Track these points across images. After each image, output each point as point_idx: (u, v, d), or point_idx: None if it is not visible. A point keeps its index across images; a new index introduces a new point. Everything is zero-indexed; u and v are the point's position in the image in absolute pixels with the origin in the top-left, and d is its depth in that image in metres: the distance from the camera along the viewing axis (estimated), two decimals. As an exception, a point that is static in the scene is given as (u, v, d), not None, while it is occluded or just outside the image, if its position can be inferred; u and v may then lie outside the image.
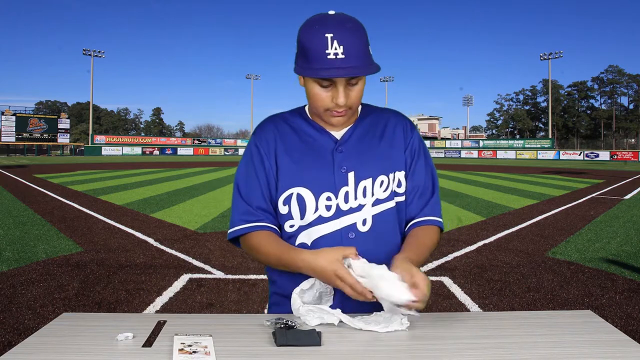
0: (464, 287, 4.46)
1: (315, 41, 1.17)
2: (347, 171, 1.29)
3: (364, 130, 1.35)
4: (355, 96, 1.24)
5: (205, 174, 21.81)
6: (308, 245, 1.29)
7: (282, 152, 1.32)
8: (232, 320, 1.23)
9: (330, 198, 1.28)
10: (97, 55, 68.89)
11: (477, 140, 72.51)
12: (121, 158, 51.33)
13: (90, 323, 1.17)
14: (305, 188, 1.29)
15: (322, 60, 1.16)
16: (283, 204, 1.31)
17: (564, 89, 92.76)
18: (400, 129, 1.37)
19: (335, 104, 1.22)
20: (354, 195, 1.28)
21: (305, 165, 1.30)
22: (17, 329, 3.37)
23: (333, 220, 1.28)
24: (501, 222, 8.23)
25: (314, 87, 1.23)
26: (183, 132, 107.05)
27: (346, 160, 1.30)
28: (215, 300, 4.07)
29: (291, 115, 1.38)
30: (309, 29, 1.19)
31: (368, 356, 1.02)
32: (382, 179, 1.31)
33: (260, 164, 1.33)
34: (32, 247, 6.07)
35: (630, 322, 3.61)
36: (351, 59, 1.16)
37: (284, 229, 1.32)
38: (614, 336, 1.11)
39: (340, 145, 1.31)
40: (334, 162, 1.30)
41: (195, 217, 8.67)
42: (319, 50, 1.16)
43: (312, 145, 1.32)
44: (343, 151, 1.31)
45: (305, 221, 1.29)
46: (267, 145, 1.33)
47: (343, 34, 1.16)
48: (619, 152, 54.01)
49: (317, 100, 1.24)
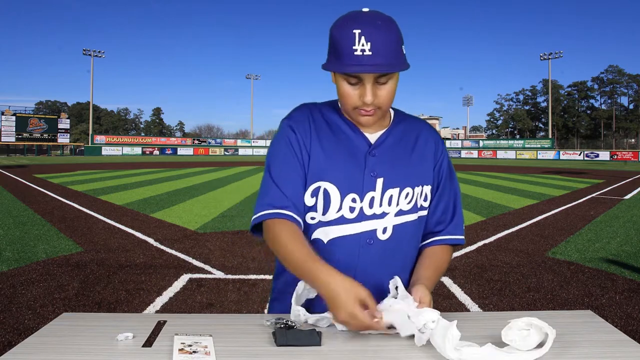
0: (464, 287, 4.46)
1: (344, 37, 1.15)
2: (376, 176, 1.27)
3: (397, 137, 1.33)
4: (384, 96, 1.21)
5: (205, 174, 21.81)
6: (324, 242, 1.27)
7: (316, 142, 1.28)
8: (232, 320, 1.24)
9: (355, 200, 1.25)
10: (97, 55, 68.92)
11: (477, 140, 72.53)
12: (121, 158, 51.33)
13: (90, 323, 1.17)
14: (333, 185, 1.26)
15: (349, 56, 1.14)
16: (311, 196, 1.27)
17: (564, 89, 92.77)
18: (431, 144, 1.36)
19: (362, 102, 1.20)
20: (380, 202, 1.26)
21: (337, 161, 1.27)
22: (17, 329, 3.37)
23: (355, 222, 1.25)
24: (501, 222, 8.24)
25: (343, 85, 1.21)
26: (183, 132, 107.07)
27: (377, 165, 1.27)
28: (215, 300, 4.07)
29: (325, 108, 1.34)
30: (340, 24, 1.18)
31: (368, 356, 1.02)
32: (407, 190, 1.29)
33: (297, 147, 1.27)
34: (32, 247, 6.07)
35: (630, 322, 3.61)
36: (378, 56, 1.14)
37: (306, 220, 1.28)
38: (614, 336, 1.11)
39: (374, 148, 1.29)
40: (366, 165, 1.27)
41: (195, 217, 8.67)
42: (346, 45, 1.15)
43: (346, 144, 1.29)
44: (376, 155, 1.28)
45: (326, 218, 1.26)
46: (304, 130, 1.29)
47: (372, 30, 1.14)
48: (619, 152, 54.01)
49: (346, 97, 1.22)
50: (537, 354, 0.98)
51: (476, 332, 1.11)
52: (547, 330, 1.00)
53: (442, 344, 0.98)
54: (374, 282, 1.25)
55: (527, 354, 0.98)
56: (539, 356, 0.98)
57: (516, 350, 0.99)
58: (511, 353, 0.98)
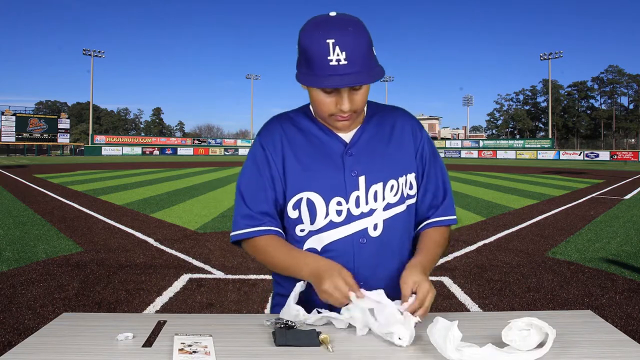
0: (464, 287, 4.46)
1: (316, 47, 1.12)
2: (357, 175, 1.27)
3: (372, 131, 1.32)
4: (359, 100, 1.20)
5: (205, 174, 21.81)
6: (318, 250, 1.27)
7: (290, 155, 1.28)
8: (232, 320, 1.24)
9: (340, 203, 1.25)
10: (97, 55, 68.91)
11: (477, 140, 72.53)
12: (121, 158, 51.33)
13: (90, 323, 1.17)
14: (315, 193, 1.26)
15: (325, 67, 1.12)
16: (293, 209, 1.28)
17: (564, 89, 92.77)
18: (408, 130, 1.35)
19: (339, 110, 1.19)
20: (365, 199, 1.26)
21: (315, 169, 1.27)
22: (17, 329, 3.37)
23: (344, 225, 1.26)
24: (501, 222, 8.23)
25: (318, 94, 1.19)
26: (183, 132, 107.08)
27: (356, 164, 1.27)
28: (215, 300, 4.07)
29: (297, 116, 1.34)
30: (310, 33, 1.14)
31: (368, 356, 1.02)
32: (392, 183, 1.29)
33: (265, 166, 1.29)
34: (32, 247, 6.07)
35: (630, 322, 3.61)
36: (354, 64, 1.12)
37: (295, 233, 1.30)
38: (614, 336, 1.11)
39: (349, 148, 1.28)
40: (344, 166, 1.27)
41: (195, 217, 8.67)
42: (320, 56, 1.12)
43: (321, 149, 1.28)
44: (353, 154, 1.28)
45: (315, 226, 1.26)
46: (274, 146, 1.29)
47: (345, 38, 1.11)
48: (619, 152, 54.01)
49: (321, 105, 1.21)
50: (537, 354, 0.98)
51: (476, 332, 1.11)
52: (547, 330, 1.00)
53: (443, 345, 0.98)
54: (374, 280, 1.26)
55: (528, 354, 0.98)
56: (539, 356, 0.98)
57: (516, 351, 0.99)
58: (511, 353, 0.98)
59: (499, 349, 0.98)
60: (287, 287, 1.32)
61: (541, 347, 1.00)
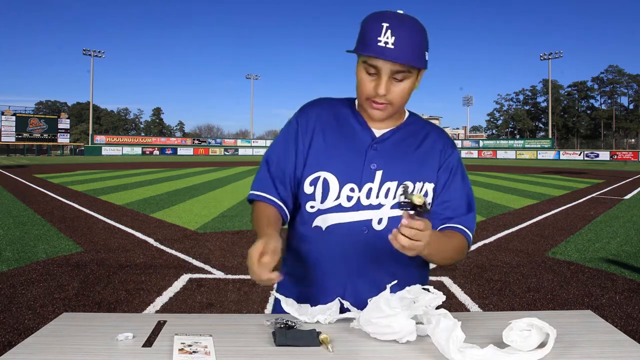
0: (464, 287, 4.46)
1: (372, 28, 1.19)
2: (376, 169, 1.30)
3: (404, 135, 1.35)
4: (397, 92, 1.24)
5: (205, 174, 21.81)
6: (322, 229, 1.30)
7: (319, 133, 1.33)
8: (232, 320, 1.24)
9: (353, 189, 1.28)
10: (97, 55, 68.92)
11: (477, 140, 72.53)
12: (121, 158, 51.33)
13: (90, 323, 1.17)
14: (332, 174, 1.29)
15: (373, 46, 1.18)
16: (310, 185, 1.32)
17: (564, 89, 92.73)
18: (440, 145, 1.36)
19: (376, 93, 1.22)
20: (377, 193, 1.29)
21: (338, 152, 1.31)
22: (17, 329, 3.37)
23: (351, 211, 1.28)
24: (501, 222, 8.24)
25: (361, 73, 1.24)
26: (183, 132, 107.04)
27: (378, 158, 1.30)
28: (215, 300, 4.07)
29: (340, 103, 1.40)
30: (371, 17, 1.22)
31: (367, 356, 1.02)
32: (407, 184, 1.31)
33: (293, 139, 1.35)
34: (32, 247, 6.07)
35: (630, 322, 3.61)
36: (400, 51, 1.17)
37: (305, 209, 1.33)
38: (614, 336, 1.11)
39: (376, 142, 1.32)
40: (366, 157, 1.30)
41: (195, 217, 8.67)
42: (373, 36, 1.18)
43: (350, 136, 1.33)
44: (377, 149, 1.31)
45: (324, 205, 1.30)
46: (307, 122, 1.35)
47: (399, 27, 1.18)
48: (619, 152, 54.01)
49: (361, 86, 1.25)
50: (538, 354, 0.98)
51: (476, 332, 1.11)
52: (548, 331, 1.00)
53: (446, 346, 0.98)
54: (370, 272, 1.29)
55: (529, 355, 0.98)
56: (540, 357, 0.98)
57: (517, 351, 0.99)
58: (513, 354, 0.98)
59: (500, 349, 0.98)
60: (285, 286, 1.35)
61: (542, 347, 1.00)
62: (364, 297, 1.19)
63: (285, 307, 1.22)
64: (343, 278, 1.30)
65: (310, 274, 1.32)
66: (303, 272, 1.34)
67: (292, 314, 1.20)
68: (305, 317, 1.18)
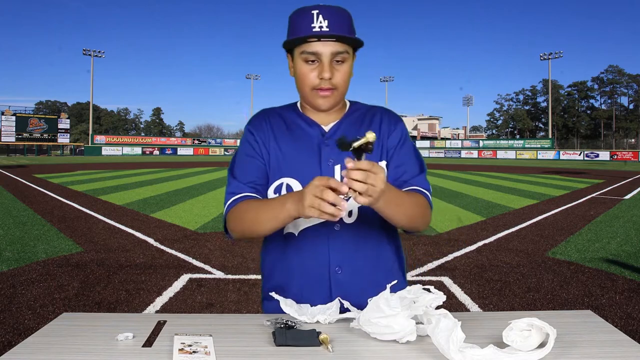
0: (464, 287, 4.46)
1: (302, 17, 1.24)
2: (333, 164, 1.31)
3: (350, 123, 1.37)
4: (340, 76, 1.27)
5: (205, 174, 21.80)
6: (295, 235, 1.32)
7: (273, 142, 1.35)
8: (232, 320, 1.24)
9: None
10: (97, 55, 68.90)
11: (477, 140, 72.49)
12: (121, 158, 51.32)
13: (90, 323, 1.17)
14: (293, 178, 1.31)
15: (309, 32, 1.22)
16: (274, 192, 1.33)
17: (564, 89, 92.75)
18: (385, 121, 1.38)
19: (320, 80, 1.25)
20: None
21: (293, 156, 1.32)
22: (17, 329, 3.37)
23: None
24: (501, 222, 8.23)
25: (302, 66, 1.27)
26: (183, 132, 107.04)
27: (333, 153, 1.31)
28: (215, 300, 4.07)
29: (283, 109, 1.42)
30: (298, 10, 1.27)
31: (367, 356, 1.02)
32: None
33: (254, 145, 1.36)
34: (32, 247, 6.07)
35: (630, 322, 3.61)
36: (336, 30, 1.22)
37: None
38: (614, 336, 1.11)
39: (327, 138, 1.34)
40: (321, 154, 1.32)
41: (195, 217, 8.67)
42: (305, 24, 1.22)
43: (301, 137, 1.35)
44: (329, 144, 1.32)
45: None
46: (262, 132, 1.36)
47: (328, 10, 1.23)
48: (619, 152, 54.00)
49: (304, 78, 1.27)
50: (538, 354, 0.98)
51: (476, 332, 1.11)
52: (548, 331, 1.00)
53: (446, 346, 0.98)
54: (350, 268, 1.30)
55: (529, 355, 0.98)
56: (540, 357, 0.98)
57: (517, 351, 0.99)
58: (513, 354, 0.98)
59: (500, 349, 0.98)
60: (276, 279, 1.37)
61: (542, 347, 1.00)
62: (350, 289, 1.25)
63: (284, 308, 1.23)
64: (326, 276, 1.30)
65: (294, 281, 1.33)
66: (285, 281, 1.34)
67: (291, 314, 1.20)
68: (305, 317, 1.18)
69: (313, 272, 1.31)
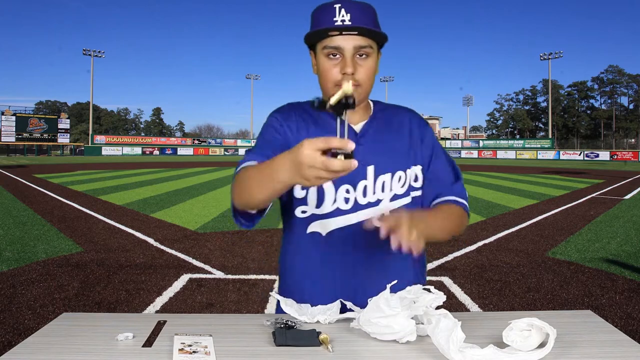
0: (464, 287, 4.46)
1: (324, 13, 1.20)
2: (366, 165, 1.28)
3: (380, 124, 1.34)
4: (364, 71, 1.21)
5: (205, 174, 21.80)
6: (322, 235, 1.28)
7: (304, 134, 1.28)
8: (232, 320, 1.24)
9: (349, 190, 1.27)
10: (97, 55, 68.88)
11: (477, 140, 72.47)
12: (121, 158, 51.32)
13: (90, 323, 1.17)
14: None
15: (330, 26, 1.18)
16: (301, 188, 1.27)
17: (564, 89, 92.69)
18: (415, 125, 1.37)
19: (343, 75, 1.20)
20: (373, 189, 1.28)
21: None
22: (17, 329, 3.37)
23: (351, 213, 1.27)
24: (501, 222, 8.23)
25: (324, 62, 1.22)
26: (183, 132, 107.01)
27: (366, 154, 1.27)
28: (215, 300, 4.07)
29: (309, 105, 1.36)
30: (320, 5, 1.23)
31: (367, 356, 1.02)
32: (400, 174, 1.30)
33: (279, 130, 1.27)
34: (32, 247, 6.07)
35: (630, 322, 3.61)
36: (358, 23, 1.18)
37: (294, 214, 1.29)
38: (614, 336, 1.11)
39: (360, 137, 1.30)
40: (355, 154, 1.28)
41: (195, 217, 8.67)
42: (327, 18, 1.18)
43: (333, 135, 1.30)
44: (363, 144, 1.29)
45: (321, 211, 1.27)
46: (291, 121, 1.30)
47: (351, 4, 1.19)
48: (619, 152, 53.98)
49: (327, 73, 1.22)
50: (538, 354, 0.98)
51: (476, 332, 1.11)
52: (548, 331, 1.00)
53: (446, 346, 0.98)
54: (377, 271, 1.28)
55: (529, 355, 0.98)
56: (541, 357, 0.98)
57: (517, 351, 0.99)
58: (513, 354, 0.98)
59: (500, 349, 0.98)
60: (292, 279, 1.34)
61: (542, 347, 1.00)
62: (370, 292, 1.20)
63: (284, 308, 1.22)
64: (348, 280, 1.28)
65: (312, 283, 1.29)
66: (302, 282, 1.31)
67: (291, 314, 1.20)
68: (305, 317, 1.18)
69: (337, 273, 1.28)
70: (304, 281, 1.31)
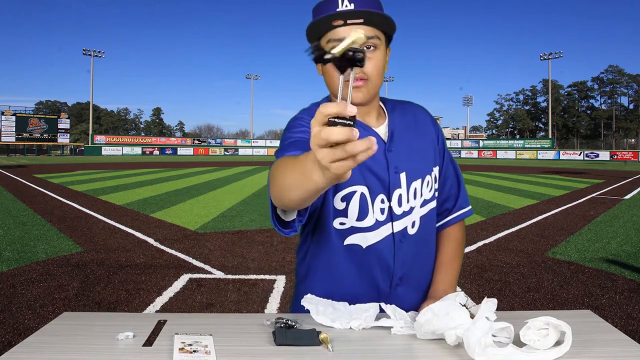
0: (464, 287, 4.46)
1: (327, 5, 1.14)
2: (399, 172, 1.24)
3: (399, 124, 1.30)
4: (373, 64, 1.15)
5: (205, 174, 21.80)
6: (363, 248, 1.23)
7: None
8: (232, 320, 1.24)
9: (384, 201, 1.23)
10: (97, 55, 68.90)
11: (477, 140, 72.49)
12: (121, 158, 51.31)
13: (90, 323, 1.17)
14: (365, 187, 1.20)
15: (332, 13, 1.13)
16: (341, 200, 1.20)
17: (564, 89, 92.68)
18: (429, 123, 1.35)
19: None
20: (407, 198, 1.24)
21: (364, 164, 1.16)
22: (17, 329, 3.37)
23: (387, 224, 1.23)
24: (501, 222, 8.23)
25: None
26: (183, 132, 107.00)
27: (397, 160, 1.24)
28: (215, 300, 4.07)
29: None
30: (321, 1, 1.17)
31: (368, 356, 1.02)
32: (428, 179, 1.29)
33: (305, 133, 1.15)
34: (32, 247, 6.07)
35: (630, 322, 3.61)
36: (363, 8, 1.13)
37: (332, 225, 1.23)
38: (614, 336, 1.11)
39: (389, 143, 1.25)
40: (388, 162, 1.23)
41: (195, 217, 8.67)
42: (330, 9, 1.13)
43: None
44: (393, 150, 1.24)
45: (363, 224, 1.22)
46: None
47: None
48: (619, 152, 53.99)
49: (333, 73, 1.15)
50: (557, 352, 0.98)
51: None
52: (564, 329, 1.00)
53: (473, 346, 0.97)
54: (409, 277, 1.28)
55: (547, 353, 0.98)
56: (559, 355, 0.97)
57: (536, 350, 0.99)
58: (532, 353, 0.98)
59: (519, 348, 0.98)
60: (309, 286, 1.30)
61: (559, 345, 1.00)
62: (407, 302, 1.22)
63: (316, 318, 1.15)
64: (387, 293, 1.25)
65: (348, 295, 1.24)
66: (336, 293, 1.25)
67: (325, 323, 1.14)
68: (338, 323, 1.14)
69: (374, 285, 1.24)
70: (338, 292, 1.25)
